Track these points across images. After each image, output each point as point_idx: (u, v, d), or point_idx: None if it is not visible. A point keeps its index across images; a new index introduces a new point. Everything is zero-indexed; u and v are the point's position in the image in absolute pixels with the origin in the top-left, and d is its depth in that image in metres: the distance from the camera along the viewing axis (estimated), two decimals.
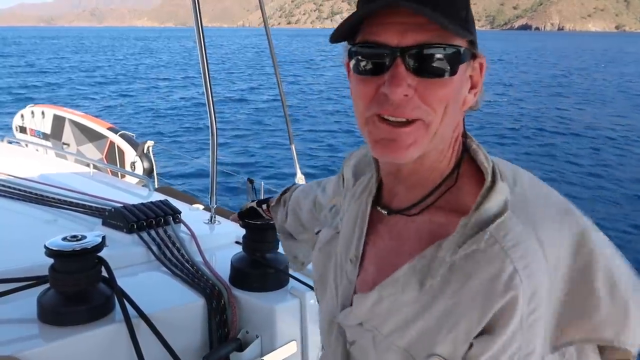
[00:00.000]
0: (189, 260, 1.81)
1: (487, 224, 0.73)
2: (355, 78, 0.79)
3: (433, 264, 0.76)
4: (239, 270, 1.71)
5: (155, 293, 1.65)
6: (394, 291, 0.79)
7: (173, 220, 2.03)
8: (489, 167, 0.78)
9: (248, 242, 1.71)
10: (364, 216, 0.91)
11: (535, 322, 0.71)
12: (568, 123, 18.59)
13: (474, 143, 0.83)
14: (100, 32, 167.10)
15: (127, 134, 5.62)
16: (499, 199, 0.75)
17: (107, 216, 1.99)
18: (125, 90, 25.63)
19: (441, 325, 0.74)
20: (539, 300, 0.70)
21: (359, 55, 0.76)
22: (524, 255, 0.70)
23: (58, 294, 1.39)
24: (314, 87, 28.06)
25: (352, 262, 0.90)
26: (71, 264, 1.38)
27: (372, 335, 0.83)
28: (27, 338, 1.34)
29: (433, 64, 0.73)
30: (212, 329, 1.60)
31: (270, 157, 12.77)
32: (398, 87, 0.72)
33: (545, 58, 61.21)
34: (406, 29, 0.72)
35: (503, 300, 0.69)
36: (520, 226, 0.73)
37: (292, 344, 1.65)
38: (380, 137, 0.76)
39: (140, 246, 1.85)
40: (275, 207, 1.46)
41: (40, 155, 4.01)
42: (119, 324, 1.40)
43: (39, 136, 6.17)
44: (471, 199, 0.77)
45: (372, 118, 0.76)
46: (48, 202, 2.33)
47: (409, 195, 0.84)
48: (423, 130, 0.75)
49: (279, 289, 1.70)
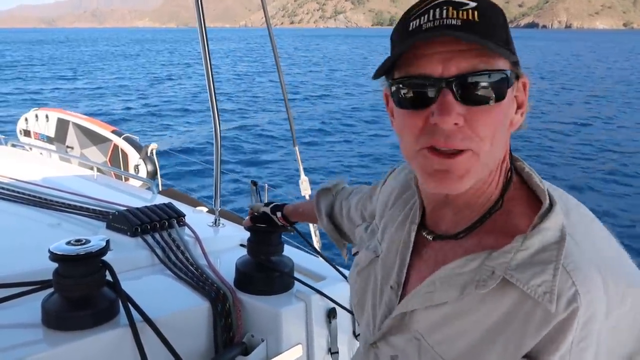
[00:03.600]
0: (193, 264, 1.80)
1: (546, 243, 0.72)
2: (400, 113, 0.78)
3: (481, 272, 0.74)
4: (244, 274, 1.69)
5: (160, 297, 1.64)
6: (435, 289, 0.79)
7: (177, 223, 2.02)
8: (545, 189, 0.77)
9: (253, 245, 1.70)
10: (407, 244, 0.90)
11: (584, 351, 0.69)
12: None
13: (526, 166, 0.82)
14: (103, 33, 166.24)
15: (131, 136, 5.61)
16: (557, 221, 0.74)
17: (111, 220, 1.98)
18: (132, 92, 25.68)
19: (491, 340, 0.73)
20: (592, 329, 0.68)
21: (403, 89, 0.75)
22: (585, 281, 0.69)
23: (62, 298, 1.38)
24: (317, 88, 28.05)
25: (393, 289, 0.88)
26: (75, 268, 1.36)
27: (418, 345, 0.81)
28: (31, 343, 1.33)
29: (479, 91, 0.72)
30: (217, 332, 1.59)
31: (274, 159, 12.76)
32: (449, 115, 0.71)
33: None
34: (449, 58, 0.71)
35: (559, 321, 0.68)
36: (579, 252, 0.71)
37: (298, 347, 1.64)
38: (433, 169, 0.75)
39: (144, 249, 1.85)
40: (324, 197, 1.44)
41: (44, 159, 4.01)
42: (123, 329, 1.39)
43: (43, 139, 6.17)
44: (523, 221, 0.76)
45: (422, 151, 0.75)
46: (51, 206, 2.32)
47: (456, 219, 0.83)
48: (474, 160, 0.74)
49: (284, 292, 1.69)
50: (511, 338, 0.71)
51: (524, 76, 0.79)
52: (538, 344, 0.69)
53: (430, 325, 0.80)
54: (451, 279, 0.78)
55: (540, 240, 0.72)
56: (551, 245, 0.72)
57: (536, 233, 0.73)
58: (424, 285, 0.81)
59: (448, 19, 0.71)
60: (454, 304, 0.77)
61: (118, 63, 40.74)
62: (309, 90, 27.36)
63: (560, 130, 17.05)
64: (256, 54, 58.37)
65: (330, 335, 1.70)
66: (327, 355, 1.70)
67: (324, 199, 1.43)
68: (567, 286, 0.68)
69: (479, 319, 0.74)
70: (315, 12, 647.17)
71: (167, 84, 29.40)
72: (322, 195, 1.44)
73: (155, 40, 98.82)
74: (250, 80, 31.75)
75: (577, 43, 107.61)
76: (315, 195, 1.46)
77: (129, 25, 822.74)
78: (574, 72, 39.41)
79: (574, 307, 0.67)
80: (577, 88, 29.15)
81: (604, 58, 59.73)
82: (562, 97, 25.39)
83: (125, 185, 3.51)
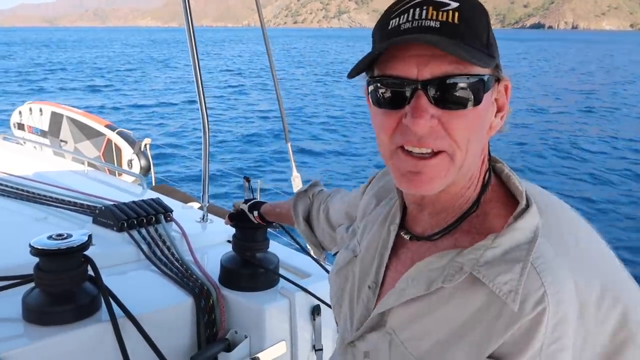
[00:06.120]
0: (179, 259, 1.79)
1: (518, 242, 0.72)
2: (376, 111, 0.78)
3: (450, 268, 0.74)
4: (229, 270, 1.69)
5: (144, 292, 1.64)
6: (406, 286, 0.79)
7: (164, 219, 2.01)
8: (523, 191, 0.77)
9: (238, 241, 1.69)
10: (385, 244, 0.90)
11: (557, 354, 0.68)
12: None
13: (506, 168, 0.82)
14: (110, 33, 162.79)
15: (124, 131, 5.59)
16: (532, 222, 0.73)
17: (97, 214, 1.97)
18: (127, 87, 25.45)
19: (459, 338, 0.72)
20: (565, 332, 0.68)
21: (379, 88, 0.75)
22: (554, 282, 0.68)
23: (43, 293, 1.37)
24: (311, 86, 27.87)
25: (370, 288, 0.89)
26: (56, 263, 1.36)
27: (389, 340, 0.82)
28: (11, 338, 1.32)
29: (456, 94, 0.71)
30: (200, 329, 1.59)
31: (266, 156, 12.72)
32: (420, 118, 0.70)
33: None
34: (424, 62, 0.70)
35: (527, 322, 0.67)
36: (552, 253, 0.71)
37: (282, 344, 1.64)
38: (405, 170, 0.75)
39: (130, 245, 1.84)
40: (301, 201, 1.44)
41: (36, 153, 4.00)
42: (104, 324, 1.38)
43: (37, 133, 6.15)
44: (499, 222, 0.76)
45: (396, 151, 0.75)
46: (39, 200, 2.31)
47: (434, 221, 0.83)
48: (448, 163, 0.73)
49: (268, 289, 1.69)
50: (478, 337, 0.70)
51: (506, 79, 0.78)
52: (504, 345, 0.69)
53: (402, 321, 0.80)
54: (422, 275, 0.78)
55: (511, 239, 0.72)
56: (522, 245, 0.71)
57: (508, 232, 0.73)
58: (399, 283, 0.81)
59: (427, 20, 0.70)
60: (424, 301, 0.77)
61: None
62: (303, 85, 27.18)
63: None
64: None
65: (314, 332, 1.70)
66: (311, 352, 1.70)
67: (301, 203, 1.43)
68: (536, 287, 0.68)
69: (449, 317, 0.74)
70: (318, 12, 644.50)
71: (167, 79, 29.16)
72: (299, 198, 1.44)
73: (169, 40, 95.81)
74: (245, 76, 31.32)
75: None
76: (293, 198, 1.46)
77: (131, 24, 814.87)
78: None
79: (541, 308, 0.67)
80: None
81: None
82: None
83: (116, 180, 3.50)
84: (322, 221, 1.34)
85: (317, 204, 1.39)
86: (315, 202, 1.41)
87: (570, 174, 11.99)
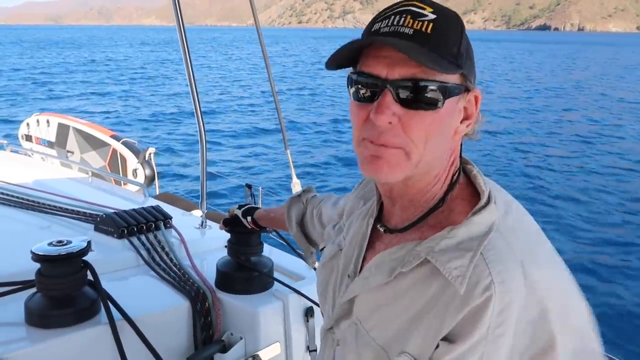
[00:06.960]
0: (176, 264, 1.85)
1: (472, 234, 0.78)
2: (352, 103, 0.85)
3: (409, 256, 0.82)
4: (224, 274, 1.74)
5: (142, 296, 1.70)
6: (370, 274, 0.87)
7: (164, 226, 2.08)
8: (486, 190, 0.84)
9: (233, 246, 1.75)
10: (364, 235, 0.97)
11: (501, 338, 0.73)
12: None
13: (475, 169, 0.89)
14: (114, 32, 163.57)
15: (129, 141, 5.68)
16: (489, 218, 0.80)
17: (99, 222, 2.04)
18: (131, 95, 25.55)
19: (418, 323, 0.79)
20: (508, 317, 0.73)
21: (356, 83, 0.83)
22: (503, 271, 0.74)
23: (44, 297, 1.43)
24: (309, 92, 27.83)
25: (349, 277, 0.96)
26: (57, 268, 1.42)
27: (355, 330, 0.89)
28: (13, 340, 1.38)
29: (419, 96, 0.77)
30: (196, 331, 1.64)
31: (266, 163, 12.76)
32: (382, 114, 0.77)
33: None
34: (394, 63, 0.78)
35: (474, 306, 0.73)
36: (505, 247, 0.77)
37: (276, 345, 1.69)
38: (368, 154, 0.82)
39: (129, 251, 1.90)
40: (294, 205, 1.49)
41: (41, 163, 4.08)
42: (103, 327, 1.44)
43: (44, 144, 6.25)
44: (460, 218, 0.83)
45: (362, 141, 0.83)
46: (44, 209, 2.38)
47: (403, 215, 0.90)
48: (403, 158, 0.80)
49: (263, 292, 1.74)
50: (433, 321, 0.77)
51: (477, 90, 0.85)
52: (455, 327, 0.75)
53: (367, 310, 0.88)
54: (384, 264, 0.86)
55: (467, 231, 0.79)
56: (476, 237, 0.78)
57: (465, 225, 0.80)
58: (363, 271, 0.90)
59: (402, 27, 0.78)
60: (388, 290, 0.85)
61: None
62: (300, 90, 27.17)
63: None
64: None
65: (308, 333, 1.75)
66: (305, 353, 1.75)
67: (295, 208, 1.48)
68: (484, 275, 0.74)
69: (409, 304, 0.81)
70: (323, 12, 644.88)
71: (172, 87, 29.35)
72: (292, 203, 1.49)
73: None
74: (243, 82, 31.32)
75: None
76: (287, 203, 1.51)
77: (136, 22, 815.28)
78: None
79: (488, 294, 0.73)
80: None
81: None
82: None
83: (119, 189, 3.57)
84: (317, 225, 1.40)
85: (311, 209, 1.45)
86: (309, 207, 1.46)
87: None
